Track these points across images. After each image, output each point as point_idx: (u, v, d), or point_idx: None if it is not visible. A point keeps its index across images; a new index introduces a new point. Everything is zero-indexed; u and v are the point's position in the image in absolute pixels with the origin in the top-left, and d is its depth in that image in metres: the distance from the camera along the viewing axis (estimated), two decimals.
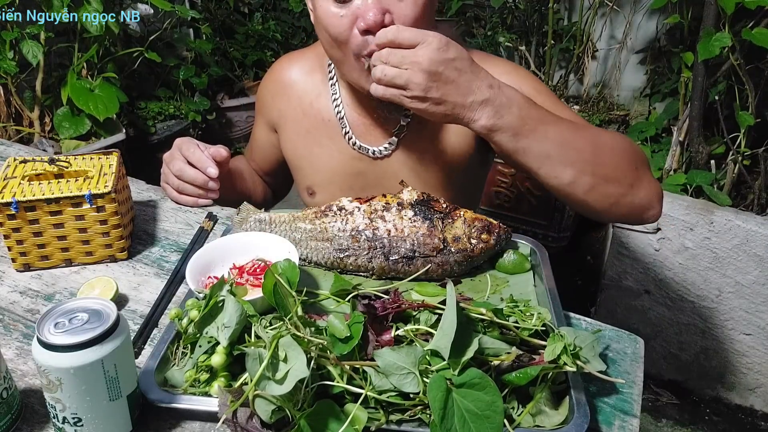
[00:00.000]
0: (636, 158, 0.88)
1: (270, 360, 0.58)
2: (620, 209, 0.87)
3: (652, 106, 2.63)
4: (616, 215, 0.89)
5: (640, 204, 0.88)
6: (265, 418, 0.59)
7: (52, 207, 0.87)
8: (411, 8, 0.87)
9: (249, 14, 3.39)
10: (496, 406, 0.58)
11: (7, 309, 0.84)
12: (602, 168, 0.84)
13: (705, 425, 1.85)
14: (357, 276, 0.87)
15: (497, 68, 0.98)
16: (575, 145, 0.82)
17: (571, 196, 0.85)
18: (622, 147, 0.87)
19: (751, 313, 1.74)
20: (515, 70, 1.02)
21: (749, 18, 1.76)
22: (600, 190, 0.84)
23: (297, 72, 1.12)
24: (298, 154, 1.14)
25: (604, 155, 0.84)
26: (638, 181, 0.87)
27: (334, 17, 0.88)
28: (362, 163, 1.09)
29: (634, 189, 0.86)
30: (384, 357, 0.61)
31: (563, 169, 0.82)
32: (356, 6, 0.86)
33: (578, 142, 0.83)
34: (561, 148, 0.81)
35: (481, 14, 2.92)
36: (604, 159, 0.84)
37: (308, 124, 1.10)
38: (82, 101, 2.14)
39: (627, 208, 0.87)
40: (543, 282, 0.85)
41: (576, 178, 0.82)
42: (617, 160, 0.85)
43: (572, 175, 0.82)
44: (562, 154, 0.82)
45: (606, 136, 0.87)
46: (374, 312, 0.66)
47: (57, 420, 0.60)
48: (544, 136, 0.80)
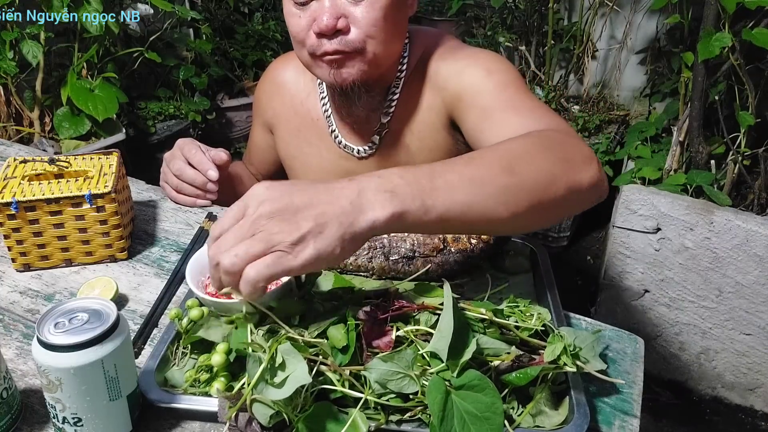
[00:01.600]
0: (559, 141, 0.75)
1: (268, 365, 0.58)
2: (574, 205, 0.75)
3: (652, 106, 2.63)
4: (572, 209, 0.77)
5: (588, 184, 0.73)
6: (263, 422, 0.59)
7: (52, 207, 0.87)
8: (368, 11, 0.86)
9: (249, 14, 3.39)
10: (496, 408, 0.58)
11: (7, 309, 0.84)
12: (525, 177, 0.69)
13: (705, 425, 1.85)
14: (357, 276, 0.87)
15: (454, 64, 0.97)
16: (490, 177, 0.67)
17: (518, 224, 0.71)
18: (538, 141, 0.74)
19: (751, 313, 1.74)
20: (473, 63, 0.95)
21: (749, 18, 1.76)
22: (541, 199, 0.69)
23: (291, 72, 1.12)
24: (291, 154, 1.15)
25: (521, 163, 0.69)
26: (570, 166, 0.73)
27: (294, 17, 0.90)
28: (349, 163, 1.09)
29: (570, 174, 0.72)
30: (377, 368, 0.60)
31: (492, 207, 0.66)
32: (313, 9, 0.87)
33: (488, 170, 0.67)
34: (478, 190, 0.65)
35: (481, 14, 2.92)
36: (521, 167, 0.69)
37: (299, 124, 1.11)
38: (81, 101, 2.14)
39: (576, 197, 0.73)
40: (543, 282, 0.85)
41: (510, 206, 0.67)
42: (537, 166, 0.70)
43: (505, 206, 0.67)
44: (482, 195, 0.65)
45: (517, 142, 0.73)
46: (374, 315, 0.66)
47: (57, 420, 0.60)
48: (452, 191, 0.64)
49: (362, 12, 0.86)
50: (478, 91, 0.91)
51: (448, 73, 0.97)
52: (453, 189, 0.64)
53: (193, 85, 2.85)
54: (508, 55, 2.88)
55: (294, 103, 1.11)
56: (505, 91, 0.89)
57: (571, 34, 2.75)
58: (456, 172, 0.66)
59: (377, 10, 0.86)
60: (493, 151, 0.71)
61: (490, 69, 0.93)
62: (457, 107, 0.95)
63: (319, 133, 1.09)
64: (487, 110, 0.89)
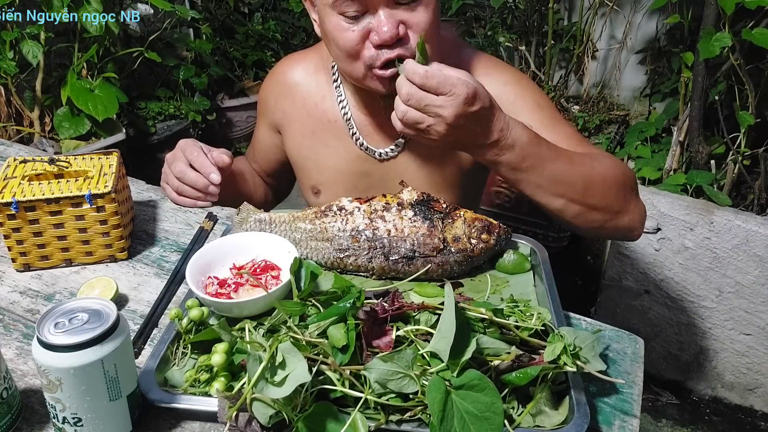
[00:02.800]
0: (626, 185, 0.93)
1: (269, 363, 0.58)
2: (604, 232, 0.95)
3: (652, 106, 2.63)
4: (600, 235, 0.98)
5: (624, 227, 0.94)
6: (263, 422, 0.59)
7: (52, 207, 0.87)
8: (424, 16, 0.87)
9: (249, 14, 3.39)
10: (496, 408, 0.58)
11: (7, 309, 0.84)
12: (591, 199, 0.89)
13: (705, 425, 1.85)
14: (357, 276, 0.87)
15: (501, 77, 1.01)
16: (568, 180, 0.88)
17: (559, 218, 0.92)
18: (613, 176, 0.91)
19: (751, 313, 1.74)
20: (519, 81, 1.02)
21: (749, 18, 1.76)
22: (586, 217, 0.91)
23: (300, 73, 1.12)
24: (303, 155, 1.14)
25: (595, 187, 0.89)
26: (624, 208, 0.93)
27: (344, 32, 0.88)
28: (368, 164, 1.09)
29: (619, 215, 0.92)
30: (376, 368, 0.60)
31: (554, 198, 0.88)
32: (367, 21, 0.87)
33: (571, 177, 0.88)
34: (554, 184, 0.87)
35: (481, 14, 2.92)
36: (594, 191, 0.89)
37: (313, 125, 1.10)
38: (81, 101, 2.14)
39: (610, 231, 0.95)
40: (543, 282, 0.85)
41: (564, 206, 0.89)
42: (606, 190, 0.91)
43: (561, 204, 0.89)
44: (554, 188, 0.87)
45: (600, 167, 0.91)
46: (374, 315, 0.66)
47: (57, 420, 0.60)
48: (540, 173, 0.85)
49: (419, 17, 0.87)
50: (530, 121, 0.93)
51: (496, 95, 0.92)
52: (540, 176, 0.86)
53: (193, 85, 2.85)
54: (508, 55, 2.88)
55: (307, 105, 1.11)
56: (561, 126, 1.00)
57: (571, 34, 2.75)
58: (550, 161, 0.86)
59: (430, 13, 0.88)
60: (581, 158, 0.90)
61: (540, 104, 1.00)
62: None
63: (337, 134, 1.09)
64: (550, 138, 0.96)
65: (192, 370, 0.68)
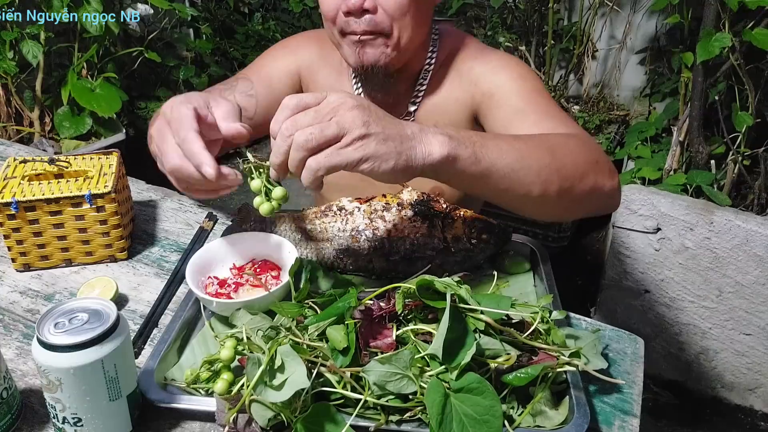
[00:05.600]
0: (587, 149, 0.84)
1: (267, 367, 0.58)
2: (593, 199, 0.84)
3: (652, 106, 2.63)
4: (581, 208, 0.86)
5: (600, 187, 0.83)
6: (262, 424, 0.59)
7: (52, 207, 0.87)
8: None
9: (249, 14, 3.39)
10: (495, 410, 0.58)
11: (7, 309, 0.84)
12: (565, 170, 0.79)
13: (705, 425, 1.85)
14: (357, 276, 0.87)
15: (488, 64, 1.02)
16: (533, 154, 0.77)
17: (544, 206, 0.81)
18: (573, 141, 0.83)
19: (751, 313, 1.74)
20: (504, 57, 1.05)
21: (749, 18, 1.76)
22: (571, 186, 0.79)
23: (328, 46, 1.10)
24: None
25: (565, 159, 0.79)
26: (599, 171, 0.83)
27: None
28: None
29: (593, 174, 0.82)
30: (374, 371, 0.60)
31: (530, 180, 0.75)
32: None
33: (534, 148, 0.78)
34: (521, 160, 0.75)
35: (481, 14, 2.92)
36: (566, 162, 0.79)
37: None
38: (84, 99, 2.14)
39: (590, 195, 0.83)
40: (543, 282, 0.85)
41: (544, 185, 0.77)
42: (576, 160, 0.81)
43: (540, 184, 0.76)
44: (524, 166, 0.75)
45: (557, 136, 0.84)
46: (370, 315, 0.66)
47: (57, 420, 0.60)
48: (500, 152, 0.73)
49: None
50: (510, 91, 0.97)
51: (482, 71, 1.02)
52: (501, 151, 0.73)
53: (193, 85, 2.84)
54: None
55: (329, 79, 1.11)
56: (539, 97, 0.97)
57: (571, 34, 2.75)
58: (505, 141, 0.76)
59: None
60: (538, 137, 0.82)
61: (522, 75, 1.00)
62: (486, 104, 1.00)
63: None
64: (522, 111, 0.95)
65: (193, 367, 0.68)
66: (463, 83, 1.03)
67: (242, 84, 1.08)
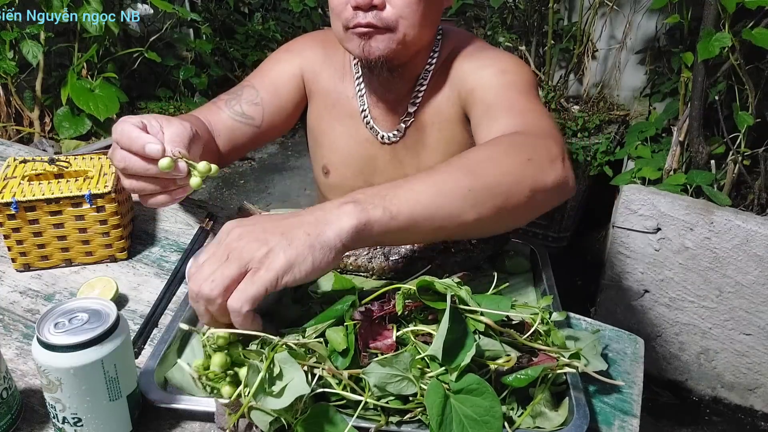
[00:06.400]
0: (518, 147, 0.78)
1: (266, 374, 0.58)
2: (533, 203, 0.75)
3: (652, 106, 2.63)
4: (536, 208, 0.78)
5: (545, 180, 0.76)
6: (263, 428, 0.59)
7: (52, 207, 0.87)
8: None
9: (249, 14, 3.40)
10: (495, 412, 0.58)
11: (7, 309, 0.84)
12: (491, 184, 0.72)
13: (705, 425, 1.85)
14: (357, 276, 0.87)
15: (476, 61, 1.02)
16: (451, 182, 0.70)
17: (488, 226, 0.75)
18: (498, 148, 0.77)
19: (751, 313, 1.74)
20: (497, 54, 1.03)
21: (749, 18, 1.76)
22: (506, 199, 0.72)
23: (331, 47, 1.12)
24: (322, 129, 1.15)
25: (486, 171, 0.72)
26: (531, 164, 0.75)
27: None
28: (373, 148, 1.11)
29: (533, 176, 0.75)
30: (374, 372, 0.60)
31: (458, 209, 0.69)
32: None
33: (451, 175, 0.71)
34: (441, 194, 0.69)
35: (481, 14, 2.92)
36: (487, 173, 0.72)
37: (335, 100, 1.12)
38: (82, 101, 2.14)
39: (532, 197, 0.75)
40: (543, 282, 0.85)
41: (476, 208, 0.70)
42: (499, 167, 0.74)
43: (470, 208, 0.70)
44: (447, 198, 0.69)
45: (480, 149, 0.77)
46: (370, 315, 0.66)
47: (57, 420, 0.60)
48: (416, 194, 0.67)
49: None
50: (487, 87, 0.96)
51: (469, 69, 1.02)
52: (417, 193, 0.67)
53: (193, 85, 2.85)
54: None
55: (334, 78, 1.11)
56: (509, 91, 0.94)
57: (571, 34, 2.75)
58: (420, 181, 0.69)
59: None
60: (457, 159, 0.74)
61: (505, 69, 0.98)
62: (468, 101, 1.00)
63: (350, 113, 1.10)
64: (491, 107, 0.93)
65: (203, 359, 0.68)
66: (453, 82, 1.03)
67: (247, 93, 1.09)
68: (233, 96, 1.08)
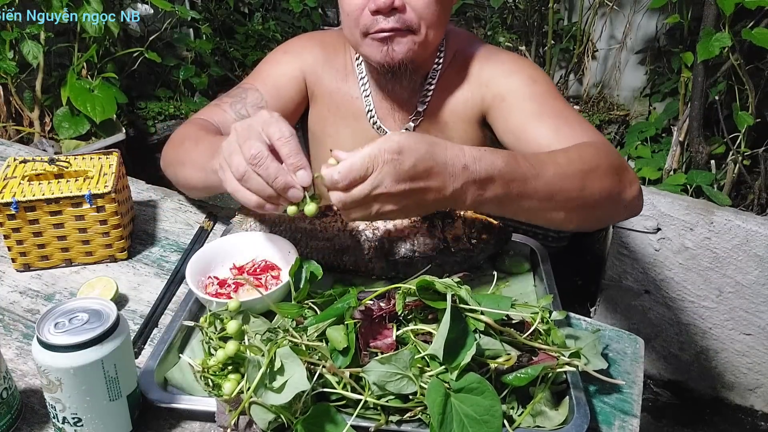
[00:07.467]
0: (615, 166, 0.87)
1: (267, 369, 0.58)
2: (611, 220, 0.95)
3: (652, 106, 2.63)
4: (609, 223, 0.94)
5: (627, 205, 0.89)
6: (263, 427, 0.59)
7: (52, 207, 0.87)
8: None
9: (249, 14, 3.39)
10: (495, 411, 0.58)
11: (7, 309, 0.84)
12: (590, 197, 0.82)
13: (705, 425, 1.85)
14: (357, 276, 0.87)
15: (499, 57, 1.04)
16: (563, 191, 0.80)
17: (564, 228, 0.92)
18: (606, 166, 0.85)
19: (751, 313, 1.74)
20: (516, 59, 1.05)
21: (749, 18, 1.76)
22: (591, 215, 0.86)
23: (330, 48, 1.12)
24: (326, 131, 1.14)
25: (592, 185, 0.82)
26: (620, 188, 0.87)
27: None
28: None
29: (620, 196, 0.87)
30: (374, 371, 0.60)
31: (554, 213, 0.81)
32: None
33: (566, 185, 0.80)
34: (549, 199, 0.79)
35: (481, 14, 2.92)
36: (593, 188, 0.82)
37: (339, 100, 1.11)
38: (80, 102, 2.14)
39: (616, 216, 0.94)
40: (543, 282, 0.85)
41: (567, 215, 0.82)
42: (602, 181, 0.84)
43: (563, 215, 0.82)
44: (550, 204, 0.80)
45: (588, 157, 0.84)
46: (370, 315, 0.66)
47: (57, 420, 0.60)
48: (532, 194, 0.77)
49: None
50: (524, 95, 0.98)
51: (493, 73, 1.02)
52: (532, 198, 0.77)
53: (193, 85, 2.85)
54: None
55: (336, 79, 1.11)
56: (554, 100, 0.97)
57: (571, 34, 2.75)
58: (544, 184, 0.78)
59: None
60: (578, 158, 0.83)
61: (534, 77, 1.00)
62: (498, 107, 1.00)
63: (355, 114, 1.10)
64: (538, 115, 0.95)
65: (205, 357, 0.68)
66: (472, 84, 1.04)
67: (252, 96, 1.08)
68: (237, 99, 1.08)
